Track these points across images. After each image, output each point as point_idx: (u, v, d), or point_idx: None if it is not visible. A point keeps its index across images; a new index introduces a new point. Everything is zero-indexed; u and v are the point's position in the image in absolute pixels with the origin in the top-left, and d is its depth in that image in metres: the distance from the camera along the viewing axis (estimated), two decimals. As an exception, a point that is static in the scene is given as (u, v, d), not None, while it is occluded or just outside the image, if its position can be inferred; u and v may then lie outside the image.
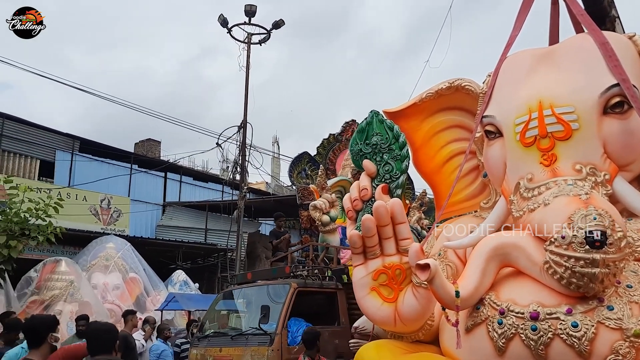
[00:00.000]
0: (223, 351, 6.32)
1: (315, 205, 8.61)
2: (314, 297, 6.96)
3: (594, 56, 3.65)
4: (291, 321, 6.26)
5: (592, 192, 3.22)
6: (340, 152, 10.67)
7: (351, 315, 6.73)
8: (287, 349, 5.96)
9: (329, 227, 8.68)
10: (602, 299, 3.00)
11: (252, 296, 7.12)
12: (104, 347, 2.90)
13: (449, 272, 4.05)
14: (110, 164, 18.74)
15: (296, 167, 11.00)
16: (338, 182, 9.50)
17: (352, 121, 10.88)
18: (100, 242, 12.84)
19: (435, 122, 4.76)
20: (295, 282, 6.48)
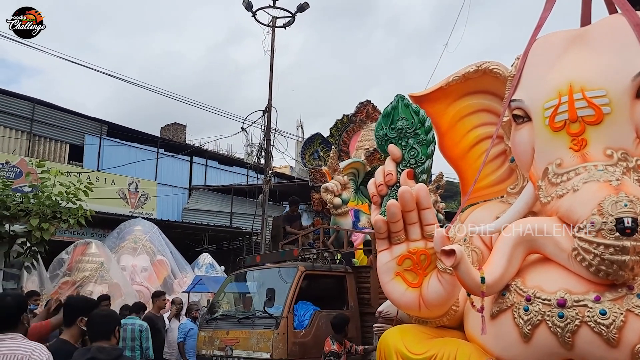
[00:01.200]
0: (230, 334, 6.33)
1: (327, 188, 8.45)
2: (323, 280, 6.91)
3: (628, 38, 3.53)
4: (298, 305, 6.23)
5: (624, 178, 3.14)
6: (354, 134, 10.48)
7: (360, 299, 6.74)
8: (293, 332, 5.89)
9: (341, 210, 8.52)
10: (631, 286, 2.95)
11: (261, 279, 7.09)
12: (103, 333, 2.94)
13: (474, 257, 4.02)
14: (137, 148, 19.02)
15: (308, 148, 10.75)
16: (351, 164, 9.28)
17: (367, 102, 10.65)
18: (128, 225, 13.09)
19: (462, 106, 4.68)
20: (302, 266, 6.40)
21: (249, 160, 18.25)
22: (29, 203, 7.60)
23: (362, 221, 9.00)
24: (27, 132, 16.57)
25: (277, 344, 5.71)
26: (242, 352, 6.06)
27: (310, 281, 6.82)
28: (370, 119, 10.37)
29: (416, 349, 3.60)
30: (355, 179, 9.42)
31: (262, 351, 5.81)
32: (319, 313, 6.22)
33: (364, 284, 6.78)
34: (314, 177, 9.38)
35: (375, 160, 9.17)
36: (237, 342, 6.16)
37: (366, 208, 9.12)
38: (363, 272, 6.89)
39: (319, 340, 5.92)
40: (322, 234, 8.45)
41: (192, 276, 12.97)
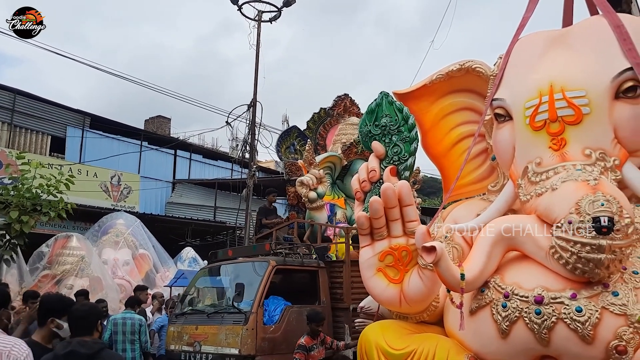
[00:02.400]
0: (199, 329, 6.20)
1: (302, 181, 8.36)
2: (295, 275, 6.84)
3: (608, 39, 3.59)
4: (269, 300, 6.13)
5: (601, 178, 3.20)
6: (332, 127, 10.33)
7: (333, 294, 6.65)
8: (262, 328, 5.78)
9: (316, 204, 8.42)
10: (607, 284, 3.01)
11: (232, 273, 6.95)
12: (85, 328, 2.92)
13: (455, 254, 4.06)
14: (120, 141, 18.83)
15: (284, 141, 10.52)
16: (327, 157, 9.21)
17: (345, 95, 10.49)
18: (110, 218, 12.97)
19: (445, 104, 4.72)
20: (274, 260, 6.30)
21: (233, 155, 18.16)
22: (9, 195, 7.51)
23: (338, 216, 8.96)
24: (8, 123, 16.30)
25: (245, 339, 5.61)
26: (211, 347, 5.96)
27: (281, 276, 6.76)
28: (347, 112, 10.30)
29: (396, 344, 3.64)
30: (331, 173, 9.36)
31: (231, 347, 5.72)
32: (290, 308, 6.12)
33: (337, 279, 6.74)
34: (290, 171, 9.27)
35: (352, 155, 9.10)
36: (206, 338, 6.04)
37: (342, 202, 9.11)
38: (336, 267, 6.84)
39: (289, 336, 5.84)
40: (295, 228, 8.31)
41: (175, 270, 12.91)
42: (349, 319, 6.23)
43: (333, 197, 9.30)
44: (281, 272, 6.53)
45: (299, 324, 5.92)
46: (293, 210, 9.47)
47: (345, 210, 9.19)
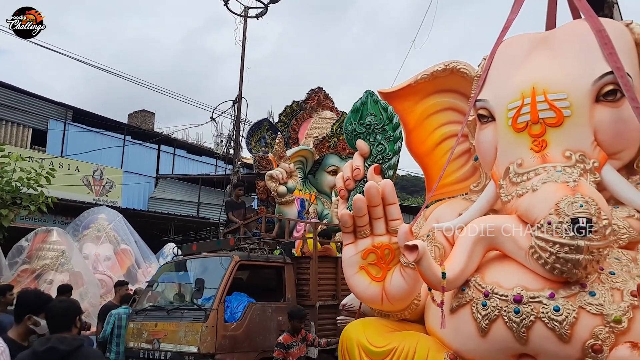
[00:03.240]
0: (158, 326, 5.95)
1: (272, 175, 8.20)
2: (260, 271, 6.66)
3: (590, 43, 3.65)
4: (232, 296, 5.94)
5: (580, 180, 3.25)
6: (304, 121, 10.10)
7: (299, 291, 6.49)
8: (223, 325, 5.54)
9: (286, 199, 8.26)
10: (584, 284, 3.06)
11: (195, 268, 6.74)
12: (64, 324, 2.89)
13: (436, 253, 4.10)
14: (103, 135, 18.62)
15: (255, 134, 10.15)
16: (299, 151, 9.04)
17: (319, 89, 10.35)
18: (92, 212, 12.81)
19: (429, 104, 4.76)
20: (237, 255, 6.08)
21: (217, 151, 18.05)
22: (-12, 188, 7.40)
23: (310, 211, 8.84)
24: (-12, 114, 16.04)
25: (205, 337, 5.41)
26: (170, 345, 5.72)
27: (246, 272, 6.62)
28: (321, 106, 10.14)
29: (377, 342, 3.67)
30: (303, 168, 9.23)
31: (190, 345, 5.50)
32: (253, 305, 5.94)
33: (303, 275, 6.60)
34: (260, 164, 8.94)
35: (324, 149, 8.94)
36: (165, 335, 5.81)
37: (313, 198, 8.97)
38: (303, 263, 6.69)
39: (251, 334, 5.70)
40: (263, 223, 8.16)
41: (157, 266, 12.80)
42: (315, 316, 6.21)
43: (304, 192, 9.14)
44: (245, 268, 6.35)
45: (262, 321, 5.78)
46: (262, 205, 9.14)
47: (317, 206, 9.04)
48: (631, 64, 3.68)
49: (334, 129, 9.07)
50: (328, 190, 9.06)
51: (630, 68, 3.62)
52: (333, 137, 9.02)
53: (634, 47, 3.77)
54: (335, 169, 8.95)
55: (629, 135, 3.63)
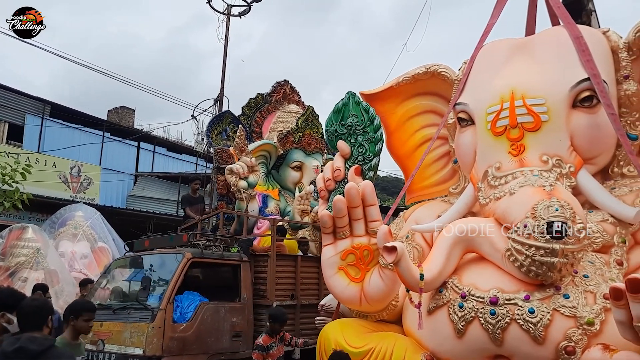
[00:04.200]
0: (104, 326, 5.56)
1: (232, 169, 7.72)
2: (214, 269, 6.27)
3: (568, 50, 3.71)
4: (183, 295, 5.60)
5: (556, 184, 3.31)
6: (269, 114, 9.67)
7: (256, 290, 6.19)
8: (171, 326, 5.20)
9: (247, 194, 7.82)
10: (559, 287, 3.11)
11: (146, 266, 6.31)
12: (35, 324, 2.84)
13: (415, 254, 4.14)
14: (82, 131, 18.32)
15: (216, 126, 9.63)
16: (262, 145, 8.65)
17: (285, 82, 9.93)
18: (69, 210, 12.57)
19: (410, 106, 4.80)
20: (189, 252, 5.72)
21: (198, 149, 17.91)
22: (-39, 183, 7.23)
23: (270, 207, 8.52)
24: (-38, 108, 15.69)
25: (151, 338, 5.10)
26: (114, 347, 5.39)
27: (200, 270, 6.29)
28: (287, 100, 9.79)
29: (355, 343, 3.68)
30: (266, 162, 8.90)
31: (135, 346, 5.18)
32: (205, 305, 5.58)
33: (261, 274, 6.29)
34: (220, 158, 8.51)
35: (288, 144, 8.70)
36: (110, 336, 5.47)
37: (276, 194, 8.71)
38: (260, 261, 6.37)
39: (202, 335, 5.42)
40: (221, 219, 7.75)
41: (135, 265, 12.67)
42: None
43: (267, 188, 8.80)
44: (199, 266, 6.00)
45: (214, 322, 5.48)
46: (222, 200, 8.66)
47: (279, 202, 8.71)
48: (607, 71, 3.75)
49: (299, 123, 8.83)
50: (292, 186, 8.68)
51: (607, 75, 3.70)
52: (298, 131, 8.75)
53: (610, 55, 3.85)
54: (300, 164, 8.76)
55: (604, 141, 3.70)
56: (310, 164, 8.72)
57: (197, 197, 8.98)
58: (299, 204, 8.05)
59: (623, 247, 3.38)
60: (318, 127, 8.83)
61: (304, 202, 8.04)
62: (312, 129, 8.78)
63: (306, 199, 8.06)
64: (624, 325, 2.55)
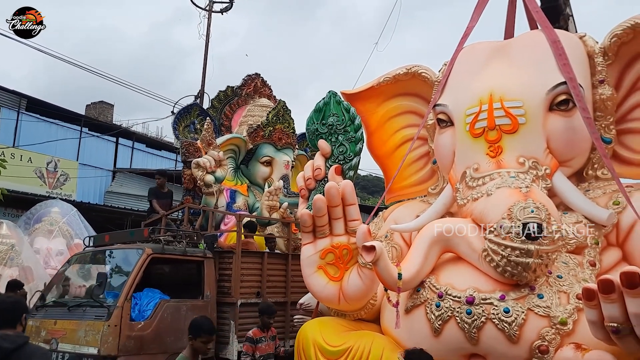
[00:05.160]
0: (58, 324, 5.37)
1: (198, 163, 7.49)
2: (177, 265, 6.12)
3: (545, 53, 3.78)
4: (143, 292, 5.42)
5: (532, 186, 3.37)
6: (239, 108, 9.44)
7: (220, 287, 6.02)
8: (128, 324, 5.00)
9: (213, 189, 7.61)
10: (533, 287, 3.17)
11: (104, 261, 6.07)
12: (8, 321, 2.80)
13: (394, 253, 4.17)
14: (59, 126, 18.03)
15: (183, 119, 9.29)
16: (231, 139, 8.49)
17: (256, 75, 9.68)
18: (44, 205, 12.36)
19: (391, 106, 4.84)
20: (150, 248, 5.50)
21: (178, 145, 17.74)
22: None
23: (238, 203, 8.29)
24: None
25: (106, 337, 4.90)
26: (68, 346, 5.15)
27: (161, 266, 6.14)
28: (258, 93, 9.56)
29: (333, 341, 3.70)
30: (235, 157, 8.68)
31: (90, 345, 4.96)
32: (165, 303, 5.39)
33: (225, 270, 6.13)
34: (187, 151, 8.12)
35: (258, 138, 8.50)
36: (64, 334, 5.25)
37: (244, 189, 8.52)
38: (225, 258, 6.18)
39: (161, 334, 5.22)
40: (186, 214, 7.54)
41: (112, 262, 12.52)
42: (236, 315, 5.80)
43: (236, 183, 8.60)
44: (160, 262, 5.79)
45: (175, 321, 5.29)
46: (189, 195, 8.33)
47: (248, 198, 8.49)
48: (583, 75, 3.83)
49: (270, 117, 8.63)
50: (261, 181, 8.53)
51: (583, 79, 3.77)
52: (268, 125, 8.55)
53: (586, 59, 3.92)
54: (270, 159, 8.55)
55: (579, 144, 3.77)
56: (281, 160, 8.57)
57: (165, 191, 8.78)
58: (268, 199, 7.93)
59: (596, 248, 3.45)
60: (289, 121, 8.69)
61: (272, 198, 7.92)
62: (283, 123, 8.62)
63: (275, 195, 7.94)
64: (595, 325, 2.62)
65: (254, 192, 8.49)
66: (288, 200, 8.04)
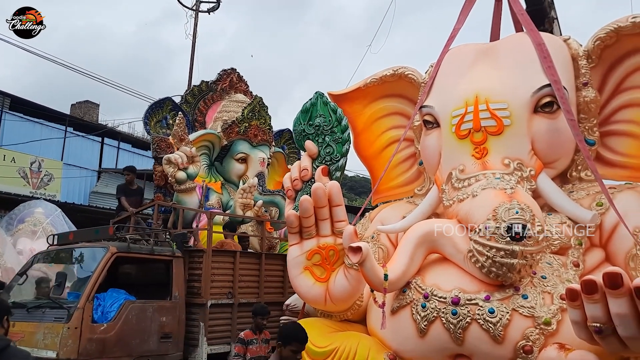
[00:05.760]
0: (16, 327, 4.95)
1: (170, 159, 7.23)
2: (146, 265, 5.84)
3: (530, 56, 3.81)
4: (107, 293, 5.18)
5: (517, 187, 3.39)
6: (214, 103, 9.15)
7: (190, 288, 5.78)
8: (89, 327, 4.74)
9: (185, 186, 7.34)
10: (518, 287, 3.19)
11: (68, 260, 5.82)
12: None
13: (380, 254, 4.18)
14: (43, 125, 17.81)
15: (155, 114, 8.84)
16: (204, 135, 8.28)
17: (232, 70, 9.41)
18: (28, 206, 12.19)
19: (378, 108, 4.85)
20: (114, 246, 5.25)
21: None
22: None
23: (212, 201, 8.01)
24: None
25: (66, 340, 4.67)
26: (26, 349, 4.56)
27: (129, 266, 5.92)
28: (234, 89, 9.30)
29: (320, 342, 3.69)
30: (209, 154, 8.42)
31: (48, 349, 4.73)
32: (130, 304, 5.13)
33: (195, 270, 5.89)
34: (159, 147, 7.87)
35: (233, 134, 8.23)
36: (23, 337, 4.98)
37: (219, 186, 8.24)
38: (196, 257, 5.94)
39: (125, 336, 4.98)
40: (156, 211, 7.26)
41: (97, 263, 12.38)
42: (206, 317, 5.58)
43: (210, 180, 8.31)
44: (126, 261, 5.55)
45: (140, 322, 5.06)
46: (160, 193, 8.06)
47: (222, 196, 8.23)
48: (568, 77, 3.87)
49: (245, 113, 8.36)
50: (236, 179, 8.26)
51: (567, 81, 3.81)
52: (244, 121, 8.27)
53: (570, 62, 3.97)
54: (245, 156, 8.26)
55: (563, 146, 3.81)
56: (256, 157, 8.29)
57: (134, 188, 8.36)
58: (241, 197, 7.68)
59: (579, 249, 3.49)
60: (266, 118, 8.45)
61: (246, 196, 7.67)
62: (259, 119, 8.37)
63: (249, 192, 7.69)
64: (578, 325, 2.64)
65: (229, 190, 8.25)
66: (263, 198, 7.87)
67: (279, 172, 9.08)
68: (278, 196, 8.04)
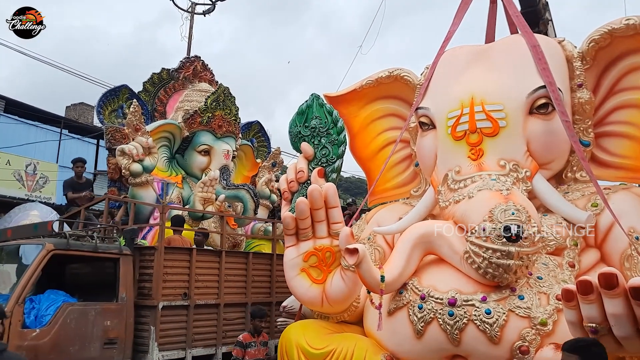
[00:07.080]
0: None
1: (123, 150, 6.70)
2: (89, 264, 5.35)
3: (525, 58, 3.83)
4: (44, 295, 4.74)
5: (513, 188, 3.41)
6: (175, 92, 8.54)
7: (141, 288, 5.28)
8: (19, 332, 4.25)
9: (140, 179, 6.79)
10: (514, 288, 3.20)
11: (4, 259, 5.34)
12: None
13: (377, 256, 4.19)
14: (38, 128, 17.75)
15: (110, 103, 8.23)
16: (163, 126, 7.67)
17: (196, 57, 8.87)
18: (23, 209, 12.12)
19: (373, 109, 4.86)
20: (51, 243, 4.76)
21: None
22: None
23: (172, 196, 7.48)
24: None
25: None
26: None
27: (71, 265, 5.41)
28: (198, 77, 8.71)
29: (316, 344, 3.69)
30: (169, 145, 7.86)
31: None
32: (69, 306, 4.62)
33: (145, 270, 5.36)
34: (113, 138, 7.43)
35: (195, 125, 7.70)
36: None
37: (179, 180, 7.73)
38: (147, 255, 5.39)
39: (62, 342, 4.49)
40: (106, 207, 6.63)
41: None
42: (157, 319, 5.07)
43: (170, 174, 7.79)
44: (65, 260, 5.03)
45: (80, 327, 4.60)
46: (114, 186, 7.67)
47: (182, 190, 7.68)
48: (562, 79, 3.89)
49: (209, 103, 7.77)
50: (198, 172, 7.67)
51: (562, 83, 3.83)
52: (207, 112, 7.71)
53: (565, 63, 3.99)
54: (208, 148, 7.68)
55: (558, 147, 3.83)
56: (220, 149, 7.72)
57: (82, 182, 7.68)
58: (201, 191, 7.10)
59: (575, 249, 3.51)
60: (231, 108, 7.91)
61: (206, 189, 7.10)
62: (224, 110, 7.82)
63: (210, 186, 7.11)
64: (574, 326, 2.65)
65: (190, 184, 7.72)
66: (227, 193, 7.36)
67: (247, 166, 8.69)
68: (243, 190, 7.54)
